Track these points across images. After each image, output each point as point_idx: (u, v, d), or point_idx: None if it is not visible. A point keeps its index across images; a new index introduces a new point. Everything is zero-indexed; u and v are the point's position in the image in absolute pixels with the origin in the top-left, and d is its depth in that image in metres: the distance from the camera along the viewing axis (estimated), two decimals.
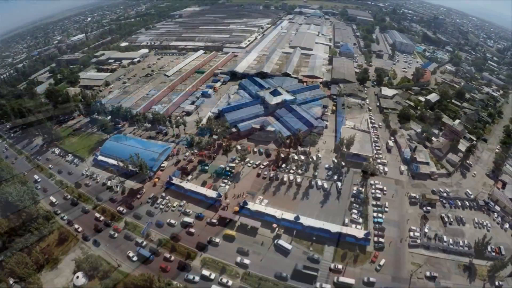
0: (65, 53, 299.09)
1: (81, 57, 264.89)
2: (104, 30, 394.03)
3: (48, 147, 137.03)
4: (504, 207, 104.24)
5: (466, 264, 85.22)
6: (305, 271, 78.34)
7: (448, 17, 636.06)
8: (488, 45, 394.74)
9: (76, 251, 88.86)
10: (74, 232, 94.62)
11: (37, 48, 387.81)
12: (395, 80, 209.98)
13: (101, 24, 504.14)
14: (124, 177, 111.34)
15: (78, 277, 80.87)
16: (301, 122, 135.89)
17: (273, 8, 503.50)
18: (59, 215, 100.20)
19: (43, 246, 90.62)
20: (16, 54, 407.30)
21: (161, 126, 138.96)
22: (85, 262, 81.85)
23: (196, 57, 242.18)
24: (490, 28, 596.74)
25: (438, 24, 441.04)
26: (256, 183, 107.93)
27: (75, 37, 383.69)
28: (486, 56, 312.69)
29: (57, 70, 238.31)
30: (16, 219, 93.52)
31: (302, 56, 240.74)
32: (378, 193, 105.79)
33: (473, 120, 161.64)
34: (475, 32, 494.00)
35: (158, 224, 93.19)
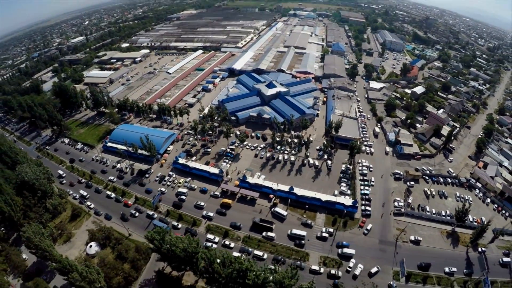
0: (66, 54, 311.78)
1: (84, 57, 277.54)
2: (103, 32, 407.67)
3: (57, 137, 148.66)
4: (486, 184, 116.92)
5: (449, 232, 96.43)
6: (261, 223, 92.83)
7: (441, 18, 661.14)
8: (479, 44, 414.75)
9: (88, 225, 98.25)
10: (87, 208, 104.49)
11: (37, 50, 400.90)
12: (384, 75, 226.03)
13: (99, 27, 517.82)
14: (133, 161, 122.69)
15: (91, 246, 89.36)
16: (294, 110, 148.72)
17: (268, 10, 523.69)
18: (71, 194, 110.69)
19: (57, 222, 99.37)
20: (15, 56, 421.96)
21: (166, 116, 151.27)
22: (98, 232, 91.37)
23: (195, 57, 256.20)
24: (483, 28, 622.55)
25: (429, 24, 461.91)
26: (254, 163, 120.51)
27: (75, 39, 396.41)
28: (475, 54, 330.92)
29: (60, 70, 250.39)
30: (31, 197, 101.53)
31: (296, 54, 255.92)
32: (365, 170, 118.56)
33: (457, 109, 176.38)
34: (466, 32, 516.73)
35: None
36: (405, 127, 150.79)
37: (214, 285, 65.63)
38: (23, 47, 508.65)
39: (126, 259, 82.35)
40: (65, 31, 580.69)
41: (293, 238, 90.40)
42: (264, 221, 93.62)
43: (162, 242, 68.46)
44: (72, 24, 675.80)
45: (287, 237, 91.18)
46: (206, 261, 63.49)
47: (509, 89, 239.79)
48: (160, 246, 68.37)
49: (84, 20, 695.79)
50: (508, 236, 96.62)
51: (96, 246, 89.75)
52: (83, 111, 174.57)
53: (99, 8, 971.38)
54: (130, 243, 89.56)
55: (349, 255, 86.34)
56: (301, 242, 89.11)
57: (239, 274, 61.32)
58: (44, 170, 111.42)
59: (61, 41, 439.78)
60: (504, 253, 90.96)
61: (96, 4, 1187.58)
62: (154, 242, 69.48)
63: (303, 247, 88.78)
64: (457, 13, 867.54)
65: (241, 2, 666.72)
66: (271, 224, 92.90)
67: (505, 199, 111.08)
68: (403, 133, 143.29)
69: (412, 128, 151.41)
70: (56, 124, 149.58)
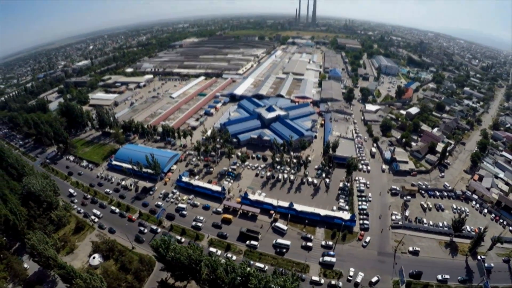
0: (71, 76, 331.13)
1: (89, 80, 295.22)
2: (108, 57, 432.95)
3: (62, 154, 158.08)
4: (482, 196, 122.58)
5: (447, 242, 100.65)
6: (247, 233, 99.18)
7: (436, 41, 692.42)
8: (473, 64, 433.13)
9: (92, 238, 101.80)
10: (90, 222, 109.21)
11: (42, 71, 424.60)
12: (379, 98, 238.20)
13: (104, 51, 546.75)
14: (137, 179, 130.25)
15: (94, 258, 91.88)
16: (293, 132, 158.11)
17: (268, 39, 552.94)
18: (75, 208, 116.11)
19: (60, 234, 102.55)
20: (21, 76, 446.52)
21: (170, 138, 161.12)
22: (102, 245, 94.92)
23: (198, 82, 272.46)
24: (477, 49, 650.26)
25: (424, 47, 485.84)
26: (255, 181, 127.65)
27: (80, 63, 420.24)
28: (469, 73, 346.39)
29: (66, 91, 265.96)
30: (36, 208, 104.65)
31: (294, 80, 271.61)
32: (362, 187, 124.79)
33: (451, 127, 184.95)
34: (460, 53, 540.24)
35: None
36: (401, 146, 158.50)
37: None
38: (28, 67, 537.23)
39: (129, 271, 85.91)
40: (70, 54, 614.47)
41: (277, 248, 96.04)
42: (251, 231, 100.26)
43: (167, 250, 73.97)
44: (77, 48, 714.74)
45: (272, 246, 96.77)
46: (210, 268, 68.86)
47: (503, 105, 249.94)
48: (165, 254, 73.63)
49: (89, 44, 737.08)
50: (508, 244, 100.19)
51: (100, 257, 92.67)
52: (88, 131, 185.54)
53: (103, 34, 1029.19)
54: (134, 256, 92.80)
55: (331, 263, 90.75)
56: (282, 251, 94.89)
57: (241, 280, 66.65)
58: (51, 183, 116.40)
59: (66, 63, 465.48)
60: (504, 260, 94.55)
61: (100, 30, 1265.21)
62: (159, 250, 74.65)
63: (283, 254, 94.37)
64: (451, 35, 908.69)
65: (241, 31, 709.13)
66: (257, 234, 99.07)
67: (502, 209, 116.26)
68: (399, 151, 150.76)
69: (407, 147, 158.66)
70: (62, 142, 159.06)
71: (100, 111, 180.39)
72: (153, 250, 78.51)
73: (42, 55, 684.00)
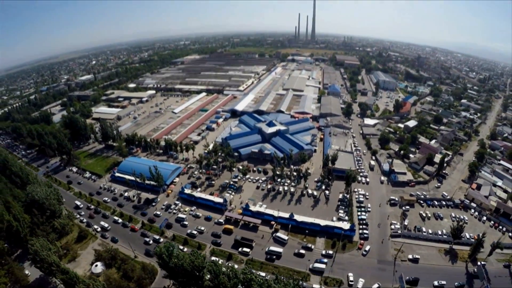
0: (74, 90, 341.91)
1: (92, 94, 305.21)
2: (111, 72, 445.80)
3: (65, 166, 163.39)
4: (481, 204, 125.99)
5: (447, 249, 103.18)
6: (242, 241, 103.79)
7: (433, 56, 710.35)
8: (470, 77, 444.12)
9: (94, 247, 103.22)
10: (93, 231, 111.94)
11: (45, 84, 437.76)
12: (378, 112, 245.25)
13: (106, 67, 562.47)
14: (140, 190, 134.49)
15: (96, 266, 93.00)
16: (293, 146, 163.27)
17: (268, 56, 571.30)
18: (80, 216, 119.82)
19: (63, 242, 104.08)
20: (24, 88, 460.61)
21: (172, 151, 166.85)
22: (104, 253, 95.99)
23: (199, 98, 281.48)
24: (474, 62, 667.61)
25: (421, 62, 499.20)
26: (256, 194, 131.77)
27: (83, 77, 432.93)
28: (466, 86, 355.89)
29: (69, 104, 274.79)
30: (40, 215, 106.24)
31: (294, 96, 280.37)
32: (361, 198, 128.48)
33: (449, 138, 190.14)
34: (458, 67, 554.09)
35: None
36: (399, 158, 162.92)
37: None
38: (31, 80, 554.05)
39: (131, 279, 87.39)
40: (73, 68, 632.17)
41: (270, 255, 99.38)
42: (245, 239, 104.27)
43: (170, 257, 77.31)
44: (80, 62, 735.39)
45: (265, 253, 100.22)
46: (212, 274, 72.29)
47: (500, 116, 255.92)
48: (168, 260, 76.78)
49: (91, 59, 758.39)
50: (507, 249, 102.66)
51: (102, 265, 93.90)
52: (91, 143, 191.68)
53: (105, 50, 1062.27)
54: (136, 264, 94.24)
55: (320, 270, 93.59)
56: (272, 257, 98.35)
57: (243, 286, 70.07)
58: (55, 191, 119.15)
59: (69, 77, 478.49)
60: (504, 265, 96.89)
61: (103, 45, 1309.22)
62: (163, 256, 77.79)
63: (274, 261, 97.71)
64: (448, 49, 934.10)
65: (241, 48, 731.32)
66: (251, 242, 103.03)
67: (500, 215, 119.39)
68: (397, 162, 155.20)
69: (405, 158, 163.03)
70: (66, 153, 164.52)
71: (104, 124, 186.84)
72: (157, 256, 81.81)
73: (45, 69, 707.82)
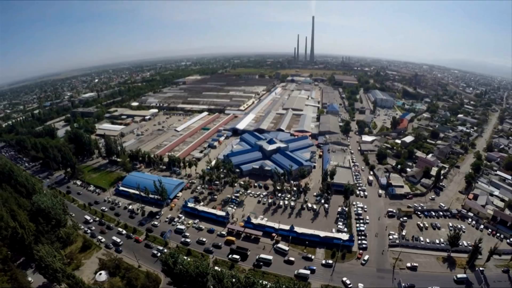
0: (78, 107, 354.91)
1: (96, 111, 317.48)
2: (114, 90, 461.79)
3: (69, 179, 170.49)
4: (478, 213, 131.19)
5: (445, 257, 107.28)
6: (237, 250, 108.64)
7: (430, 73, 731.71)
8: (467, 92, 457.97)
9: (98, 257, 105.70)
10: (97, 241, 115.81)
11: (48, 100, 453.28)
12: (375, 129, 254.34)
13: (109, 85, 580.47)
14: (143, 204, 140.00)
15: (100, 274, 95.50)
16: (293, 162, 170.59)
17: (268, 77, 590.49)
18: (86, 227, 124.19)
19: (67, 251, 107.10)
20: (27, 103, 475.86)
21: (175, 167, 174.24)
22: (108, 262, 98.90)
23: (201, 118, 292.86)
24: (471, 77, 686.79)
25: (418, 80, 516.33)
26: (257, 208, 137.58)
27: (86, 95, 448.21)
28: (463, 101, 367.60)
29: (73, 120, 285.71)
30: (45, 224, 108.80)
31: (293, 115, 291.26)
32: (360, 211, 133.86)
33: (445, 152, 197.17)
34: (455, 83, 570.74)
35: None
36: (396, 172, 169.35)
37: None
38: (34, 95, 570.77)
39: (135, 287, 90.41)
40: (76, 86, 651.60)
41: (260, 262, 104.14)
42: (240, 248, 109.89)
43: (175, 263, 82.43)
44: (82, 80, 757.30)
45: (256, 260, 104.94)
46: (216, 279, 77.71)
47: (497, 128, 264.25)
48: (173, 267, 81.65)
49: (94, 77, 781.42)
50: (506, 255, 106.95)
51: (106, 274, 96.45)
52: (95, 158, 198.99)
53: (107, 68, 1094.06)
54: (140, 274, 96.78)
55: (305, 276, 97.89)
56: (259, 264, 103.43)
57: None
58: (60, 201, 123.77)
59: (72, 94, 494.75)
60: (503, 270, 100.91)
61: (105, 64, 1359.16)
62: (168, 263, 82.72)
63: (261, 267, 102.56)
64: (445, 66, 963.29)
65: (242, 69, 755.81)
66: (245, 251, 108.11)
67: (498, 223, 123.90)
68: (394, 176, 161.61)
69: (403, 173, 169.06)
70: (70, 167, 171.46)
71: (108, 139, 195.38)
72: (162, 263, 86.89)
73: (48, 85, 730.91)
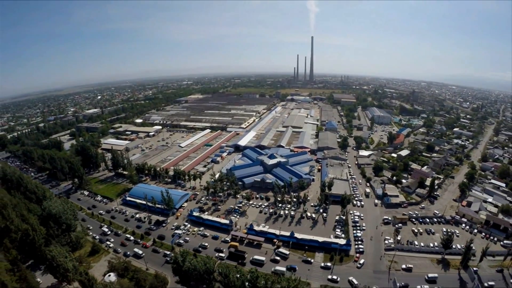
0: (82, 122, 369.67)
1: (100, 126, 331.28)
2: (117, 107, 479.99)
3: (76, 189, 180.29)
4: (471, 219, 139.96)
5: (439, 259, 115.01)
6: (235, 253, 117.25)
7: (428, 90, 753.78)
8: (464, 107, 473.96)
9: (107, 261, 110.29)
10: (105, 246, 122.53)
11: (52, 114, 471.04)
12: (372, 145, 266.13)
13: (112, 102, 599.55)
14: (150, 213, 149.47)
15: (110, 275, 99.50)
16: (293, 175, 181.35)
17: (268, 96, 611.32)
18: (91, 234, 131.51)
19: (76, 255, 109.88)
20: (30, 117, 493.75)
21: (180, 180, 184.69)
22: (117, 264, 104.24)
23: (204, 134, 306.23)
24: (468, 92, 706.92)
25: (416, 96, 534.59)
26: (259, 217, 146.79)
27: (90, 111, 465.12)
28: (459, 115, 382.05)
29: (78, 134, 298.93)
30: (56, 228, 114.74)
31: (293, 133, 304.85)
32: (356, 218, 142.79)
33: (440, 164, 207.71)
34: (452, 98, 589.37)
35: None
36: (392, 183, 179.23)
37: None
38: (38, 109, 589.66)
39: (144, 287, 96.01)
40: (79, 102, 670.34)
41: (254, 263, 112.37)
42: (238, 251, 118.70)
43: (184, 261, 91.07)
44: (85, 96, 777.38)
45: (250, 262, 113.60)
46: (222, 274, 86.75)
47: (492, 140, 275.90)
48: (182, 265, 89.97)
49: (97, 94, 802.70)
50: (499, 256, 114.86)
51: (115, 276, 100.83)
52: (101, 171, 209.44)
53: (109, 86, 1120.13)
54: (148, 275, 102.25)
55: (281, 272, 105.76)
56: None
57: (250, 283, 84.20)
58: (71, 207, 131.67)
59: (75, 110, 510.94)
60: (497, 270, 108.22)
61: (107, 82, 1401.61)
62: (178, 261, 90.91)
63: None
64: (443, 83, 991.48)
65: (242, 89, 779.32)
66: (243, 253, 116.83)
67: (491, 227, 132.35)
68: (389, 186, 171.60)
69: (398, 184, 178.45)
70: (78, 177, 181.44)
71: (115, 153, 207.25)
72: (172, 262, 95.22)
73: (51, 100, 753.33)
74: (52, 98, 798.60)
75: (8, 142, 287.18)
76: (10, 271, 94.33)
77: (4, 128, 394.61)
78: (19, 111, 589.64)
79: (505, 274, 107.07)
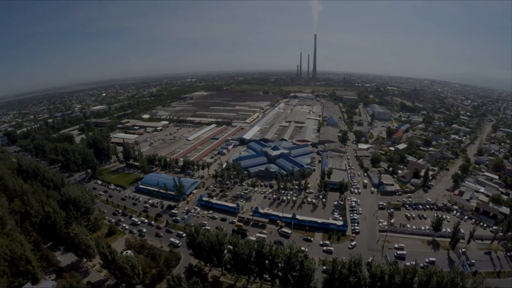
0: (90, 118, 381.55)
1: (109, 121, 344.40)
2: (124, 104, 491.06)
3: (90, 179, 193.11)
4: (462, 206, 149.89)
5: (430, 241, 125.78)
6: (238, 231, 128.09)
7: (431, 88, 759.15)
8: (464, 105, 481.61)
9: (123, 241, 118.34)
10: (121, 228, 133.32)
11: (58, 111, 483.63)
12: (372, 139, 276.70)
13: (118, 99, 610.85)
14: (161, 199, 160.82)
15: (127, 252, 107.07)
16: (295, 165, 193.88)
17: (271, 93, 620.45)
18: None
19: (94, 236, 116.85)
20: (37, 113, 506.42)
21: (189, 170, 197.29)
22: (134, 243, 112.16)
23: (210, 129, 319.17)
24: (470, 91, 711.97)
25: (417, 94, 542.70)
26: (263, 202, 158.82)
27: (97, 107, 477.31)
28: (459, 113, 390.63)
29: (87, 129, 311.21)
30: (75, 211, 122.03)
31: (296, 128, 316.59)
32: (353, 204, 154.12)
33: (435, 157, 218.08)
34: (454, 96, 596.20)
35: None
36: (388, 173, 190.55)
37: (236, 268, 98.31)
38: (43, 106, 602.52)
39: (159, 261, 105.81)
40: (84, 99, 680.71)
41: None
42: (240, 229, 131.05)
43: (198, 234, 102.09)
44: (90, 94, 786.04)
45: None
46: (232, 244, 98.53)
47: (490, 136, 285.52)
48: (196, 237, 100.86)
49: (101, 92, 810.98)
50: (487, 240, 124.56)
51: (132, 253, 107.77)
52: (113, 162, 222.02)
53: (114, 83, 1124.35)
54: (162, 252, 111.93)
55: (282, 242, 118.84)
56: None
57: (256, 254, 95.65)
58: (89, 192, 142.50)
59: (82, 106, 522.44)
60: (485, 252, 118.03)
61: (111, 79, 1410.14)
62: (192, 234, 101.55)
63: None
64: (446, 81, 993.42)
65: (246, 86, 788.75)
66: (245, 231, 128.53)
67: (481, 214, 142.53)
68: (385, 176, 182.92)
69: (394, 174, 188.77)
70: (91, 168, 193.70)
71: (127, 145, 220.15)
72: (186, 235, 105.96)
73: (56, 97, 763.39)
74: (57, 96, 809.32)
75: (18, 137, 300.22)
76: (31, 251, 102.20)
77: (12, 124, 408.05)
78: (24, 108, 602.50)
79: (492, 256, 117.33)
